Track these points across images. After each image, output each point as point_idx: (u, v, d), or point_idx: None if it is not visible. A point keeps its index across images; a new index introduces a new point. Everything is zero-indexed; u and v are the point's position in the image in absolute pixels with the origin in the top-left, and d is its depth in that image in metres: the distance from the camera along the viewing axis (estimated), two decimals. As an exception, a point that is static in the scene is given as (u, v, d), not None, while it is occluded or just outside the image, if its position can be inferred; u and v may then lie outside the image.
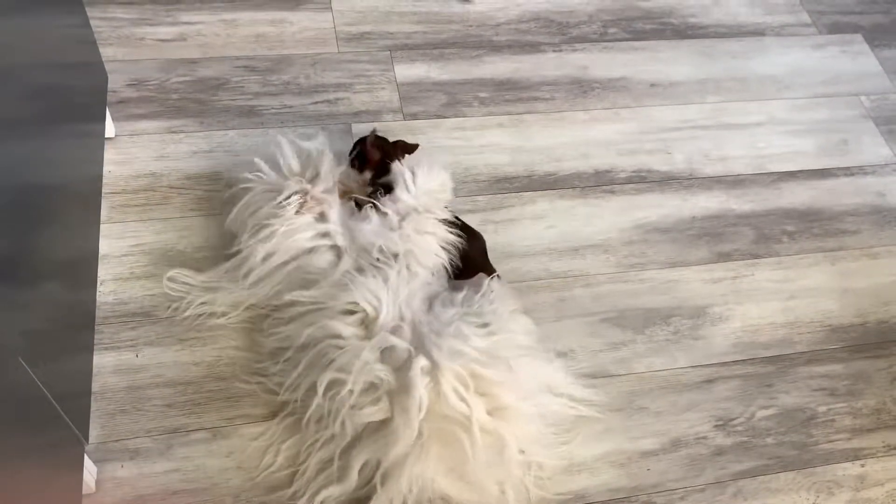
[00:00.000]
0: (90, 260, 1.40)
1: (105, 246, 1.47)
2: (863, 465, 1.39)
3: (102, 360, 1.34)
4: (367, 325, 1.28)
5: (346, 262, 1.36)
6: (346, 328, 1.26)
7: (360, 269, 1.35)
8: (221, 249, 1.47)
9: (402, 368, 1.22)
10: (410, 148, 1.57)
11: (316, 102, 1.76)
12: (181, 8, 1.89)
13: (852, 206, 1.76)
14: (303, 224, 1.39)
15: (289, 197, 1.40)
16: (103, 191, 1.54)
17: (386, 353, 1.24)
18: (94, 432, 1.27)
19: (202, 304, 1.40)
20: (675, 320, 1.53)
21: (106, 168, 1.58)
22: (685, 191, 1.74)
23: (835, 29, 2.15)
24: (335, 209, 1.42)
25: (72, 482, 1.12)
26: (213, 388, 1.33)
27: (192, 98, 1.73)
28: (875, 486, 1.37)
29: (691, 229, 1.67)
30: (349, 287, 1.30)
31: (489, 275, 1.42)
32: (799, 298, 1.60)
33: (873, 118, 1.94)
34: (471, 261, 1.46)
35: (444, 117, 1.78)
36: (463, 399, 1.19)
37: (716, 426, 1.40)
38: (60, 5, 1.35)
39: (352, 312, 1.28)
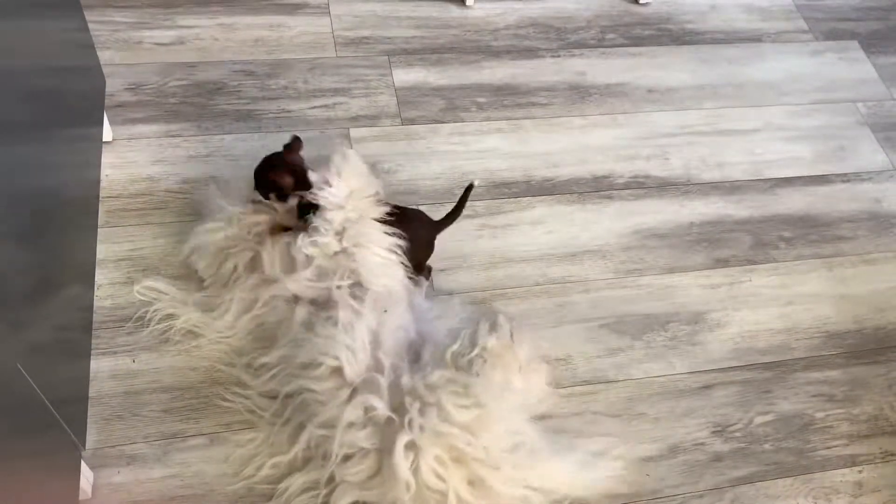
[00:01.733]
0: (87, 264, 1.39)
1: (102, 250, 1.47)
2: (860, 472, 1.39)
3: (99, 365, 1.34)
4: (341, 373, 1.25)
5: (300, 314, 1.33)
6: (317, 383, 1.25)
7: (310, 324, 1.31)
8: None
9: (385, 429, 1.21)
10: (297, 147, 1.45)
11: (314, 107, 1.76)
12: (179, 12, 1.89)
13: (849, 213, 1.77)
14: (252, 298, 1.37)
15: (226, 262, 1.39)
16: (101, 195, 1.53)
17: (369, 409, 1.22)
18: (91, 438, 1.26)
19: (168, 315, 1.38)
20: (673, 326, 1.53)
21: (103, 172, 1.57)
22: (683, 197, 1.74)
23: (831, 35, 2.16)
24: (267, 256, 1.37)
25: (68, 488, 1.11)
26: (211, 394, 1.33)
27: (190, 102, 1.72)
28: (873, 492, 1.37)
29: (689, 235, 1.67)
30: (305, 344, 1.28)
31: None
32: (796, 304, 1.60)
33: (870, 125, 1.95)
34: (419, 253, 1.45)
35: (443, 122, 1.78)
36: (441, 478, 1.18)
37: (714, 432, 1.40)
38: (58, 9, 1.34)
39: (317, 365, 1.26)
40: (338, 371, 1.26)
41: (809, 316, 1.59)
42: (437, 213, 1.61)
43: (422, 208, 1.61)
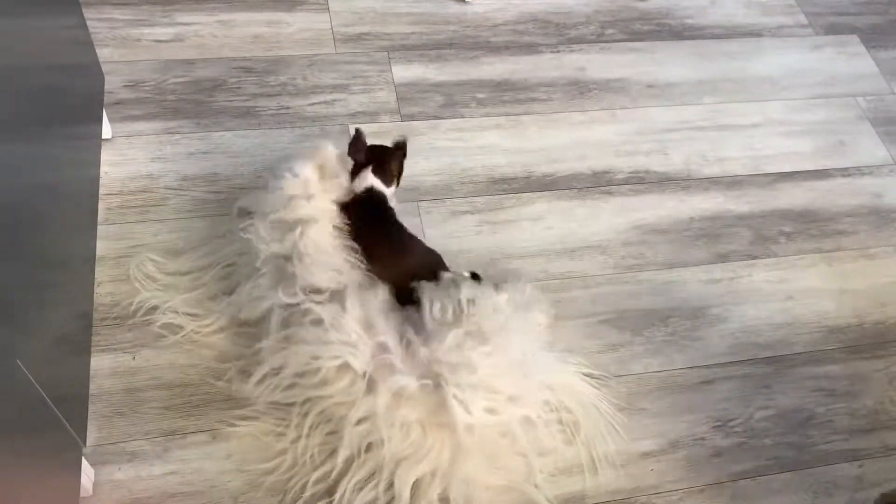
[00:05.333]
0: (87, 261, 1.39)
1: (102, 247, 1.47)
2: (861, 466, 1.39)
3: (99, 363, 1.34)
4: (347, 367, 1.24)
5: (277, 317, 1.30)
6: (325, 388, 1.24)
7: (287, 324, 1.29)
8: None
9: (420, 396, 1.23)
10: (400, 153, 1.47)
11: (313, 104, 1.75)
12: (178, 9, 1.89)
13: (849, 207, 1.77)
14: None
15: None
16: (100, 192, 1.53)
17: (399, 390, 1.23)
18: (92, 435, 1.26)
19: (152, 308, 1.39)
20: (674, 321, 1.53)
21: (103, 169, 1.57)
22: (683, 192, 1.74)
23: (831, 30, 2.15)
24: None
25: (69, 485, 1.11)
26: (211, 391, 1.33)
27: (189, 99, 1.72)
28: (873, 486, 1.37)
29: (689, 230, 1.67)
30: (290, 354, 1.27)
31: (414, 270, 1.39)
32: (796, 299, 1.60)
33: (870, 119, 1.95)
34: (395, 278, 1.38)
35: (442, 118, 1.78)
36: (493, 411, 1.25)
37: (714, 427, 1.40)
38: (57, 6, 1.34)
39: (314, 372, 1.25)
40: (343, 367, 1.25)
41: (810, 310, 1.58)
42: (436, 209, 1.61)
43: (422, 204, 1.62)
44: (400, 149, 1.46)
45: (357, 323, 1.27)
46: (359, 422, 1.23)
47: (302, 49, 1.86)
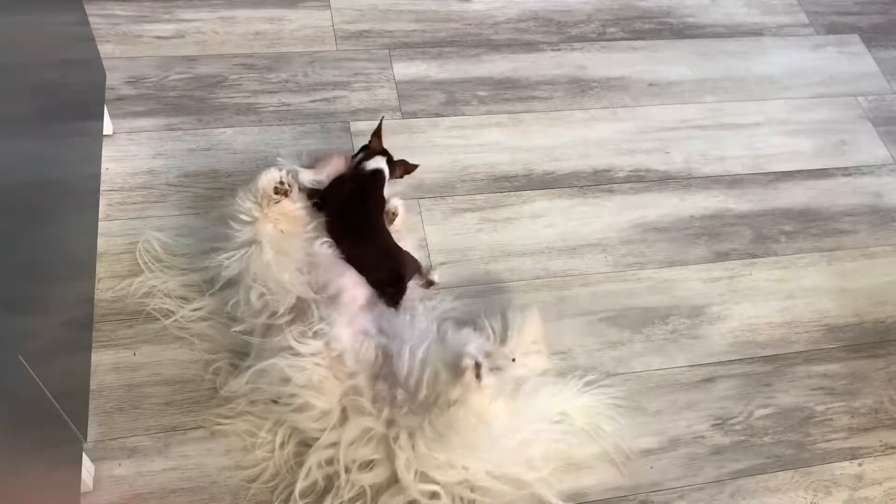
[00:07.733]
0: (88, 257, 1.39)
1: (103, 243, 1.47)
2: (860, 465, 1.40)
3: (100, 358, 1.34)
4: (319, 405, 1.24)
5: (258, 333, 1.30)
6: (297, 415, 1.24)
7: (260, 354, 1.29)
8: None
9: (385, 440, 1.22)
10: (410, 168, 1.56)
11: (314, 100, 1.75)
12: (179, 5, 1.89)
13: (849, 207, 1.77)
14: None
15: None
16: (101, 188, 1.53)
17: (366, 430, 1.23)
18: (92, 430, 1.26)
19: (146, 292, 1.39)
20: (673, 319, 1.53)
21: (104, 166, 1.57)
22: (683, 190, 1.74)
23: (832, 29, 2.15)
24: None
25: (70, 480, 1.11)
26: (212, 386, 1.33)
27: (191, 95, 1.72)
28: (872, 485, 1.38)
29: (689, 229, 1.67)
30: (261, 383, 1.26)
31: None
32: (796, 298, 1.60)
33: (871, 119, 1.95)
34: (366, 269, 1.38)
35: (443, 116, 1.78)
36: (452, 469, 1.23)
37: (714, 425, 1.41)
38: (58, 2, 1.34)
39: (285, 403, 1.25)
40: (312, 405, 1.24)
41: (810, 309, 1.59)
42: (437, 207, 1.62)
43: (423, 202, 1.62)
44: (404, 167, 1.56)
45: (318, 360, 1.24)
46: (326, 447, 1.23)
47: (303, 46, 1.86)
